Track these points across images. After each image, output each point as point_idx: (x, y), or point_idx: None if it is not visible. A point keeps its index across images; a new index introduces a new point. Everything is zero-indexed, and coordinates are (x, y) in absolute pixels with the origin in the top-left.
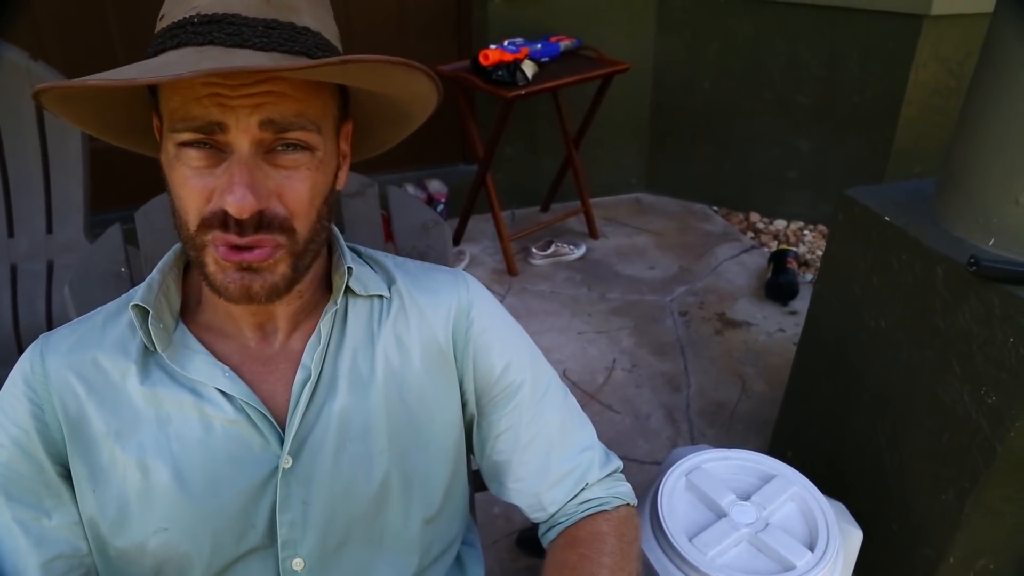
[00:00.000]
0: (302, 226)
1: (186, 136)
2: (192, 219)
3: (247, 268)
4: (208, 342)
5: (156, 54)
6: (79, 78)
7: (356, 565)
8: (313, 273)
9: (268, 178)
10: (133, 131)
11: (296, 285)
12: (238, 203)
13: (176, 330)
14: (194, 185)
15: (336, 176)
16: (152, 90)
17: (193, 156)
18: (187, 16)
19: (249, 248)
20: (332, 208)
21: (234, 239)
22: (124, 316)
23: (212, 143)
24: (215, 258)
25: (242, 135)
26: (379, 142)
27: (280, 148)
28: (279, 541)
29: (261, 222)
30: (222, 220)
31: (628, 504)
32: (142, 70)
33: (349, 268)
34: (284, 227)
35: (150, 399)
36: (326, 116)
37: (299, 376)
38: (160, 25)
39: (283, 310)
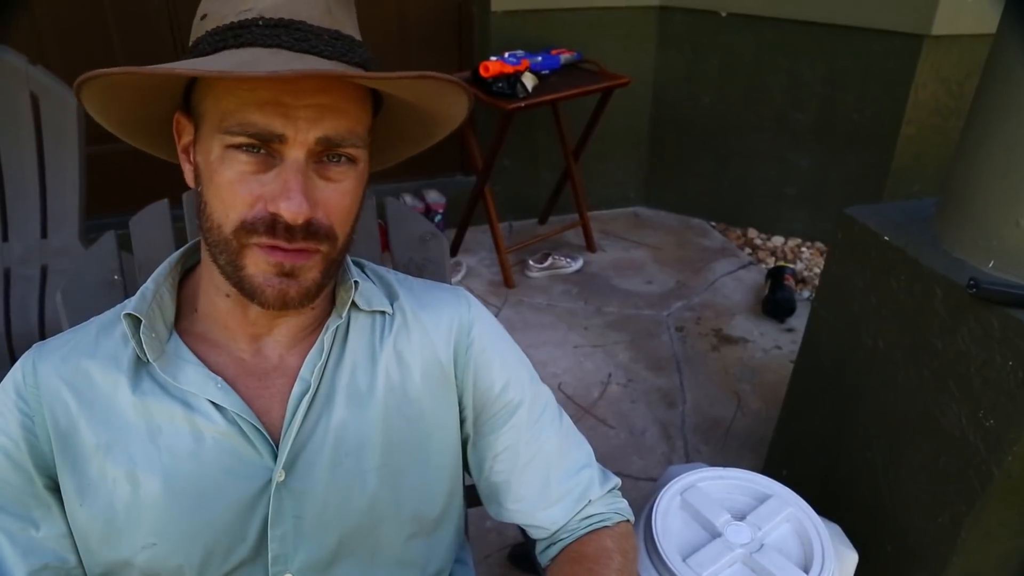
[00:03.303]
0: (341, 234)
1: (241, 140)
2: (231, 221)
3: (287, 273)
4: (202, 353)
5: (215, 51)
6: (157, 67)
7: None
8: None
9: (317, 188)
10: (146, 127)
11: (323, 291)
12: (294, 209)
13: (169, 340)
14: (240, 189)
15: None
16: (187, 87)
17: (243, 160)
18: (249, 18)
19: (296, 251)
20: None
21: (282, 244)
22: (118, 327)
23: (265, 149)
24: (255, 259)
25: (299, 147)
26: (386, 159)
27: (327, 159)
28: (269, 556)
29: (308, 230)
30: (269, 225)
31: (628, 520)
32: (227, 64)
33: (356, 282)
34: (328, 235)
35: (140, 410)
36: (367, 131)
37: (297, 388)
38: (206, 24)
39: (285, 324)
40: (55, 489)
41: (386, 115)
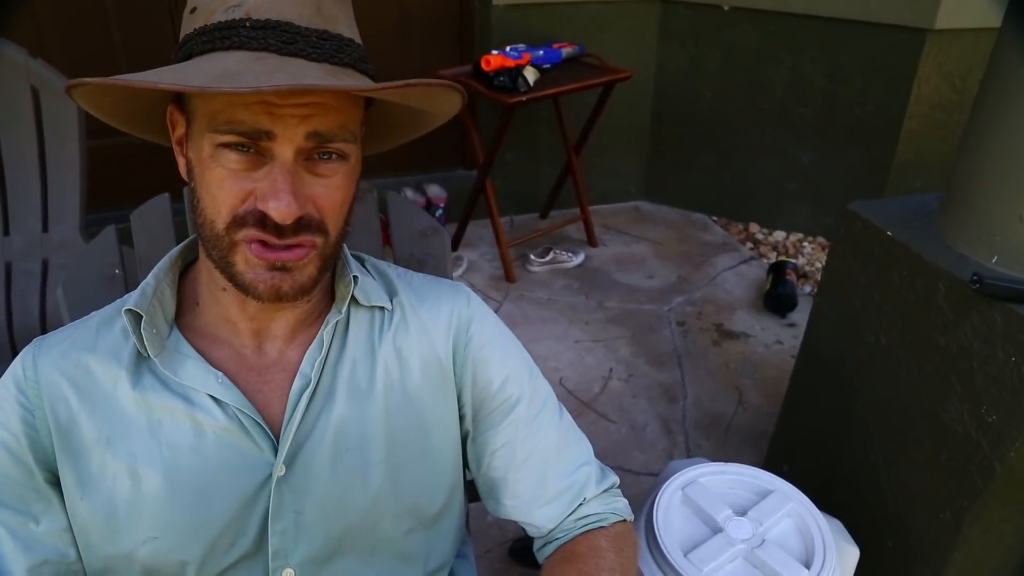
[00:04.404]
0: (333, 229)
1: (229, 139)
2: (223, 217)
3: (279, 268)
4: (202, 348)
5: (203, 52)
6: (143, 76)
7: None
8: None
9: (306, 185)
10: (139, 120)
11: (318, 284)
12: (283, 210)
13: (170, 336)
14: (230, 186)
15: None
16: None
17: (233, 159)
18: (237, 18)
19: (285, 248)
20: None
21: (272, 239)
22: (118, 321)
23: (254, 147)
24: (246, 257)
25: (288, 144)
26: (381, 146)
27: (318, 156)
28: (270, 550)
29: (299, 225)
30: (259, 219)
31: (625, 520)
32: (209, 76)
33: (355, 277)
34: (320, 229)
35: (141, 405)
36: (359, 125)
37: (297, 383)
38: (195, 19)
39: (284, 318)
40: (55, 483)
41: (379, 106)
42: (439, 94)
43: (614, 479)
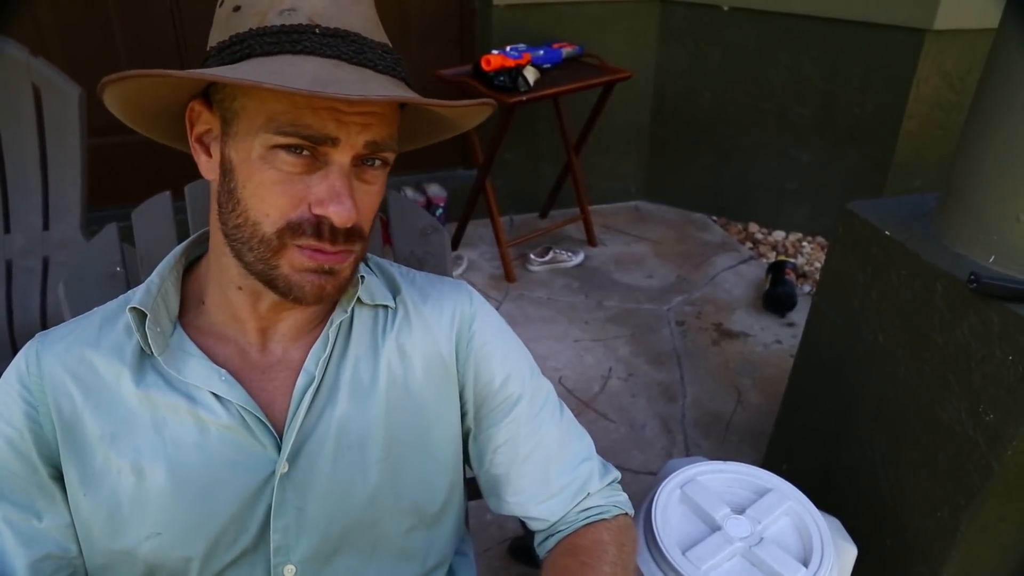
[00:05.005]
0: (367, 233)
1: (292, 141)
2: (272, 221)
3: (326, 271)
4: (206, 346)
5: (268, 54)
6: (220, 71)
7: (348, 574)
8: None
9: (356, 191)
10: (159, 116)
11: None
12: (344, 214)
13: (173, 334)
14: (284, 189)
15: None
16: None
17: (289, 161)
18: (303, 24)
19: (335, 253)
20: None
21: (328, 247)
22: (121, 318)
23: (312, 152)
24: (293, 260)
25: (348, 150)
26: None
27: (363, 163)
28: (271, 547)
29: (350, 232)
30: (315, 227)
31: (626, 513)
32: (306, 79)
33: (361, 276)
34: (361, 236)
35: (144, 402)
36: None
37: (301, 381)
38: (243, 19)
39: (292, 317)
40: (59, 479)
41: (405, 119)
42: (483, 112)
43: (616, 474)
